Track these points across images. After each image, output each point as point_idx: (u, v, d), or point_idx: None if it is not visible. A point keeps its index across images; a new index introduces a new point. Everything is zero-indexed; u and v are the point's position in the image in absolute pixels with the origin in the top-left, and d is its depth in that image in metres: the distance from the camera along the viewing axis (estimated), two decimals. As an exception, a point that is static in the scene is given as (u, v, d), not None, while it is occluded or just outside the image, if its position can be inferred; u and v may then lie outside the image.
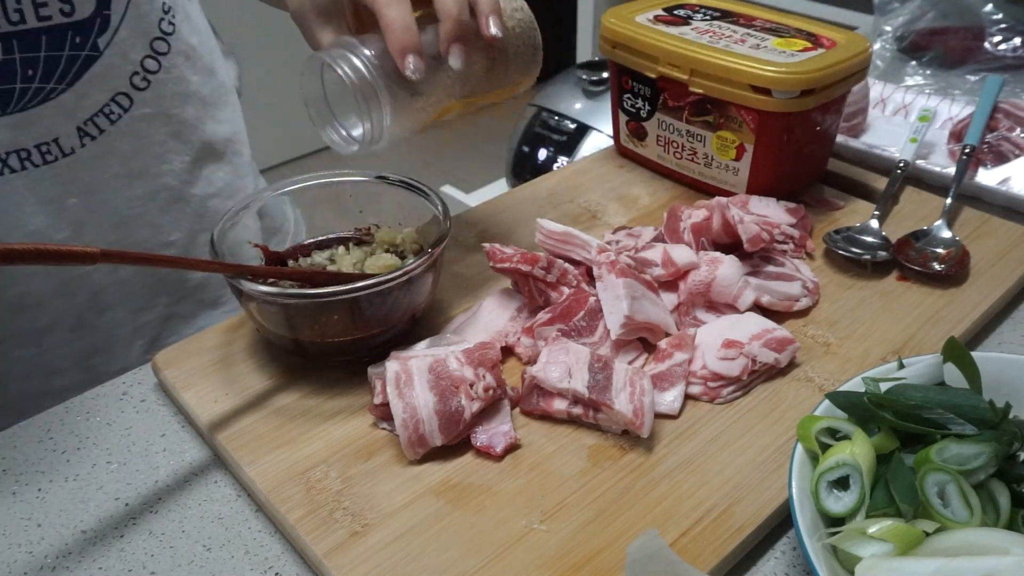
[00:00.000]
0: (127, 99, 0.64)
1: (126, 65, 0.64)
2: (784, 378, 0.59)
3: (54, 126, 0.62)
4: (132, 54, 0.64)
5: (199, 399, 0.57)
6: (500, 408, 0.55)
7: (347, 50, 0.54)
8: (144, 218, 0.70)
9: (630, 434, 0.53)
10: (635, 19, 0.80)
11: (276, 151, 2.81)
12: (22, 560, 0.49)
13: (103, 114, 0.63)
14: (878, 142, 0.88)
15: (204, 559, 0.48)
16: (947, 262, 0.68)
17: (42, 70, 0.59)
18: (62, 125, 0.62)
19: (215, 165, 0.74)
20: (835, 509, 0.44)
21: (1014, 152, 0.86)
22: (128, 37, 0.63)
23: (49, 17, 0.58)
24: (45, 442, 0.56)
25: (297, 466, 0.52)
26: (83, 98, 0.62)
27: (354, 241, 0.65)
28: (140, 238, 0.70)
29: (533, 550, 0.46)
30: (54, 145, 0.62)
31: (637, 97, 0.81)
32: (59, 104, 0.61)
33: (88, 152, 0.64)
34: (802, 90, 0.69)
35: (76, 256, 0.43)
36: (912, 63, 1.12)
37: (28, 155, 0.61)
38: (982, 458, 0.43)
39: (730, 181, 0.77)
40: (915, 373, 0.49)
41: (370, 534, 0.47)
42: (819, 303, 0.66)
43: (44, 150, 0.62)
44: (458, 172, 2.81)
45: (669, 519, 0.48)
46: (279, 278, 0.58)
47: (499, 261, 0.61)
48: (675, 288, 0.64)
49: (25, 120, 0.60)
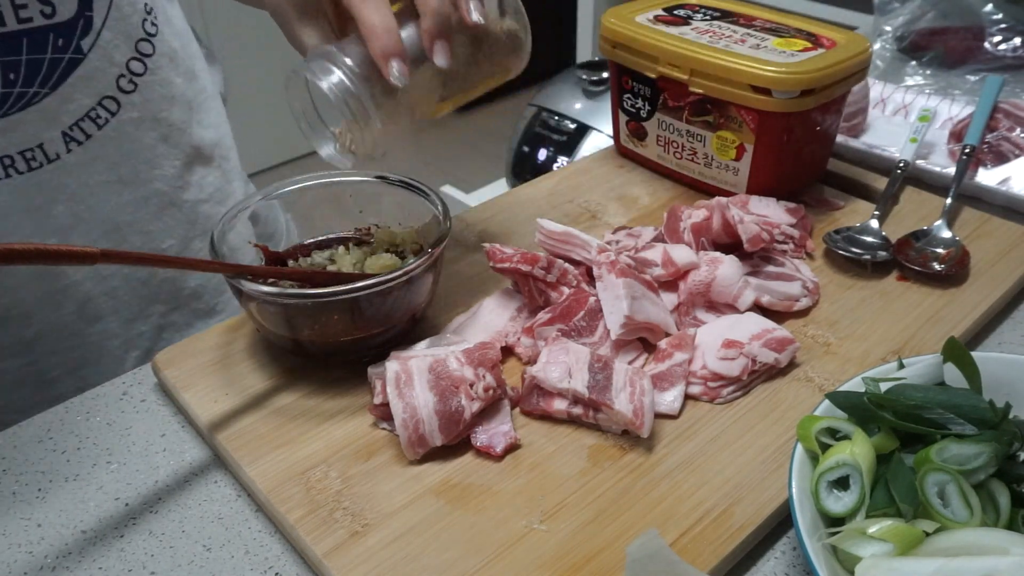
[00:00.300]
0: (114, 103, 0.63)
1: (111, 67, 0.62)
2: (784, 378, 0.59)
3: (38, 131, 0.60)
4: (117, 56, 0.62)
5: (199, 399, 0.57)
6: (500, 408, 0.55)
7: (327, 60, 0.52)
8: (135, 225, 0.68)
9: (630, 434, 0.53)
10: (635, 19, 0.80)
11: (269, 154, 2.81)
12: (22, 560, 0.49)
13: (89, 118, 0.62)
14: (878, 142, 0.88)
15: (204, 559, 0.48)
16: (947, 262, 0.68)
17: (24, 73, 0.58)
18: (46, 130, 0.60)
19: (205, 170, 0.73)
20: (835, 509, 0.44)
21: (1014, 152, 0.86)
22: (112, 39, 0.62)
23: (30, 19, 0.57)
24: (45, 442, 0.56)
25: (297, 466, 0.52)
26: (68, 102, 0.61)
27: (354, 241, 0.65)
28: (132, 246, 0.69)
29: (533, 550, 0.46)
30: (39, 151, 0.61)
31: (637, 97, 0.81)
32: (43, 108, 0.60)
33: (74, 158, 0.63)
34: (802, 90, 0.69)
35: (76, 256, 0.43)
36: (912, 63, 1.12)
37: (12, 162, 0.60)
38: (982, 458, 0.43)
39: (730, 181, 0.77)
40: (915, 373, 0.49)
41: (370, 534, 0.47)
42: (819, 303, 0.66)
43: (28, 156, 0.60)
44: (458, 172, 2.81)
45: (669, 519, 0.48)
46: (279, 278, 0.58)
47: (499, 261, 0.61)
48: (675, 288, 0.64)
49: (8, 126, 0.59)
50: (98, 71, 0.62)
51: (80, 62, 0.60)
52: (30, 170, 0.61)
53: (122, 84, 0.63)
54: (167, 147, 0.69)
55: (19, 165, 0.60)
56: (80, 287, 0.67)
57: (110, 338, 0.71)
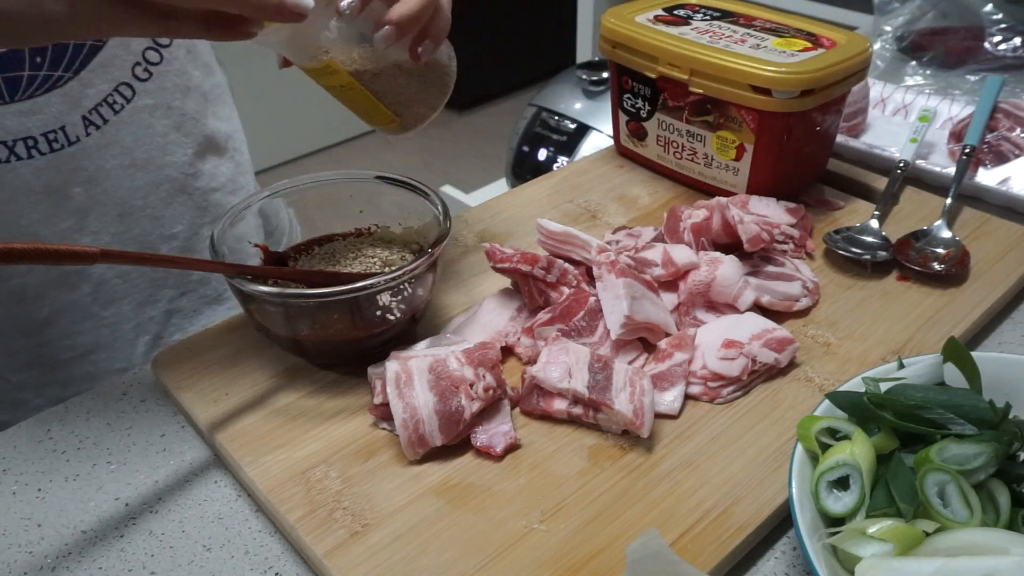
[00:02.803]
0: (129, 89, 0.65)
1: (128, 55, 0.65)
2: (784, 378, 0.59)
3: (60, 114, 0.62)
4: (134, 44, 0.65)
5: (199, 399, 0.57)
6: (500, 408, 0.55)
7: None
8: (147, 210, 0.70)
9: (630, 434, 0.53)
10: (635, 19, 0.80)
11: (269, 154, 2.81)
12: (22, 560, 0.49)
13: (107, 103, 0.64)
14: (878, 142, 0.88)
15: (204, 559, 0.48)
16: (947, 262, 0.68)
17: (49, 58, 0.60)
18: (68, 114, 0.63)
19: (217, 160, 0.75)
20: (835, 509, 0.44)
21: (1014, 152, 0.86)
22: None
23: None
24: (45, 442, 0.56)
25: (297, 466, 0.52)
26: (88, 87, 0.63)
27: (354, 241, 0.65)
28: (143, 230, 0.70)
29: (533, 550, 0.46)
30: (60, 133, 0.63)
31: (637, 97, 0.81)
32: (65, 92, 0.62)
33: (93, 141, 0.65)
34: (802, 90, 0.69)
35: (76, 256, 0.43)
36: (912, 63, 1.12)
37: (35, 143, 0.62)
38: (982, 458, 0.43)
39: (730, 181, 0.77)
40: (915, 373, 0.49)
41: (370, 534, 0.47)
42: (819, 303, 0.66)
43: (51, 138, 0.62)
44: (458, 172, 2.81)
45: (669, 519, 0.48)
46: (279, 278, 0.58)
47: (499, 261, 0.61)
48: (675, 288, 0.64)
49: (33, 108, 0.61)
50: (116, 58, 0.64)
51: (100, 48, 0.63)
52: (52, 151, 0.63)
53: (137, 72, 0.66)
54: (180, 135, 0.71)
55: (42, 146, 0.62)
56: (95, 268, 0.69)
57: (123, 321, 0.72)
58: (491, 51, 3.14)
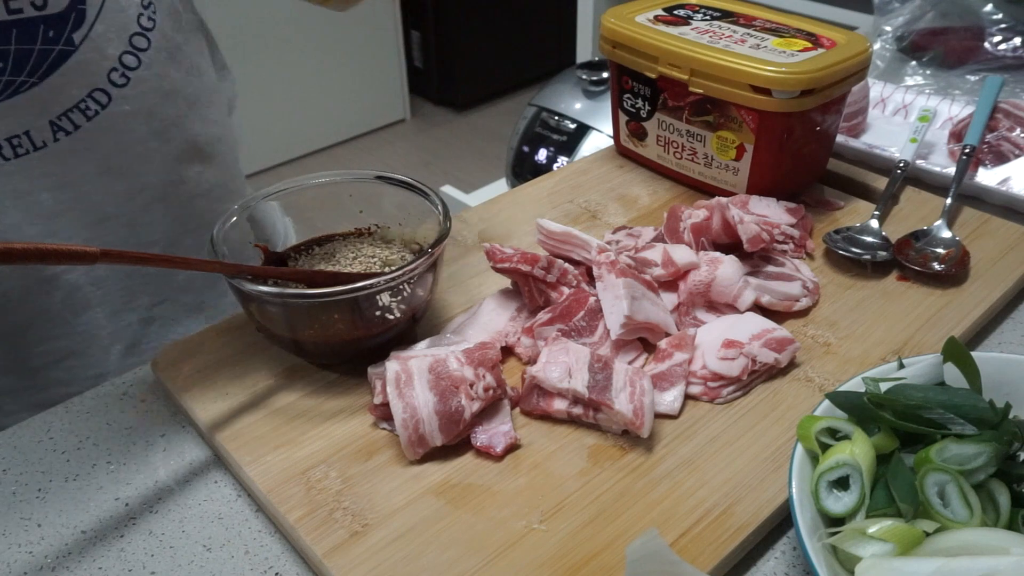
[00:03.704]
0: (104, 95, 0.63)
1: (103, 60, 0.62)
2: (784, 378, 0.59)
3: (25, 119, 0.60)
4: (109, 49, 0.62)
5: (199, 399, 0.57)
6: (500, 408, 0.55)
7: None
8: (121, 217, 0.68)
9: (630, 434, 0.53)
10: (635, 19, 0.80)
11: (269, 155, 2.81)
12: (22, 560, 0.49)
13: (79, 110, 0.62)
14: (878, 142, 0.88)
15: (204, 559, 0.48)
16: (947, 262, 0.68)
17: (12, 63, 0.58)
18: (34, 119, 0.61)
19: (201, 166, 0.73)
20: (835, 509, 0.44)
21: (1014, 152, 0.86)
22: (105, 32, 0.61)
23: (20, 10, 0.57)
24: (45, 442, 0.56)
25: (297, 466, 0.52)
26: (57, 92, 0.61)
27: (354, 241, 0.65)
28: (118, 237, 0.69)
29: (533, 550, 0.46)
30: (25, 138, 0.61)
31: (637, 97, 0.81)
32: (31, 97, 0.60)
33: (61, 147, 0.63)
34: (802, 90, 0.69)
35: (76, 256, 0.43)
36: (912, 63, 1.12)
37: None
38: (982, 458, 0.43)
39: (730, 181, 0.77)
40: (915, 373, 0.49)
41: (370, 534, 0.47)
42: (819, 303, 0.66)
43: (15, 143, 0.61)
44: (458, 172, 2.81)
45: (669, 519, 0.48)
46: (279, 278, 0.58)
47: (499, 261, 0.61)
48: (675, 288, 0.64)
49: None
50: (89, 63, 0.62)
51: (71, 54, 0.60)
52: (16, 156, 0.61)
53: (113, 77, 0.63)
54: (160, 142, 0.68)
55: (5, 151, 0.61)
56: (68, 274, 0.67)
57: (96, 328, 0.71)
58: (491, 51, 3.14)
